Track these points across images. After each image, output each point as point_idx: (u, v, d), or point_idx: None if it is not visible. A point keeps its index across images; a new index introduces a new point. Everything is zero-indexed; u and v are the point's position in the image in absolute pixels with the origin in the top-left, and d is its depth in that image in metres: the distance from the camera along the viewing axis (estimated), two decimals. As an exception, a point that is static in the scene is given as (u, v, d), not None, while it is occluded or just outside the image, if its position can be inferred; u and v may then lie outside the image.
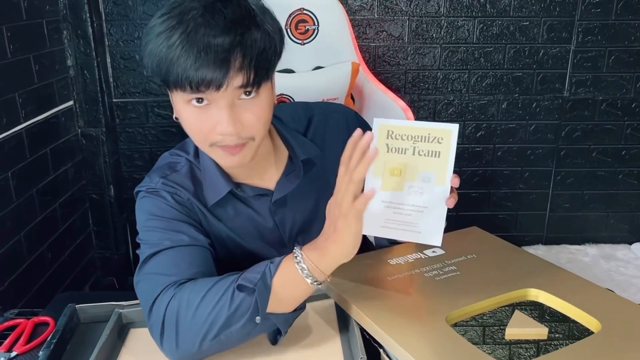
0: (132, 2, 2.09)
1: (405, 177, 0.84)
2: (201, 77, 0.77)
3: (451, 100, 2.27)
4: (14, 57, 1.67)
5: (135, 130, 2.24)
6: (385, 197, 0.85)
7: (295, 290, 0.80)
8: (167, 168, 0.98)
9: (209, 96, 0.80)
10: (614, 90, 2.29)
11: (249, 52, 0.78)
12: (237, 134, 0.82)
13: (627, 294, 2.06)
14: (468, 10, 2.16)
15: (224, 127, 0.81)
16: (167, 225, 0.91)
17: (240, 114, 0.82)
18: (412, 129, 0.84)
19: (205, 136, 0.84)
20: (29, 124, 1.76)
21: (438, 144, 0.83)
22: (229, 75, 0.77)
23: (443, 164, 0.83)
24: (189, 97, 0.81)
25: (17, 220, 1.68)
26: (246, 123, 0.83)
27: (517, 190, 2.41)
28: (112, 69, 2.16)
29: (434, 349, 0.75)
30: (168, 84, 0.81)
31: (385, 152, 0.85)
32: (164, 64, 0.79)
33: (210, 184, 0.95)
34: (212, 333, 0.79)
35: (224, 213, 0.98)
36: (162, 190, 0.94)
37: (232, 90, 0.79)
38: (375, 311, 0.84)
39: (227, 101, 0.80)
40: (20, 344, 0.95)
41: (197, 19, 0.77)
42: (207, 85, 0.77)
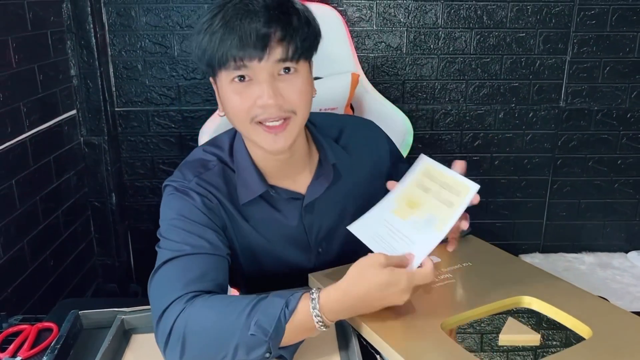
0: (134, 13, 2.12)
1: (415, 212, 0.90)
2: (243, 51, 0.83)
3: (449, 110, 2.30)
4: (19, 67, 1.70)
5: (137, 138, 2.27)
6: (390, 218, 0.91)
7: (306, 333, 0.82)
8: (201, 165, 0.99)
9: (250, 72, 0.86)
10: (610, 101, 2.32)
11: (287, 29, 0.85)
12: (278, 106, 0.87)
13: (623, 302, 2.08)
14: (465, 21, 2.20)
15: (265, 99, 0.85)
16: (192, 228, 0.92)
17: (281, 87, 0.87)
18: (444, 176, 0.90)
19: (247, 112, 0.88)
20: (33, 132, 1.79)
21: (456, 196, 0.87)
22: (270, 46, 0.84)
23: (450, 215, 0.87)
24: (233, 74, 0.86)
25: (20, 227, 1.71)
26: (287, 96, 0.87)
27: (514, 199, 2.43)
28: (114, 78, 2.19)
29: (429, 355, 0.77)
30: (213, 66, 0.88)
31: (415, 186, 0.92)
32: (208, 50, 0.86)
33: (244, 183, 0.97)
34: (219, 356, 0.81)
35: (253, 214, 1.00)
36: (192, 192, 0.95)
37: (272, 64, 0.85)
38: (372, 318, 0.86)
39: (268, 74, 0.86)
40: (25, 349, 0.97)
41: (239, 8, 0.85)
42: (250, 57, 0.84)
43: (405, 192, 0.93)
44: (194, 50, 0.90)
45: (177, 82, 2.21)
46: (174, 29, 2.15)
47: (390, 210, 0.92)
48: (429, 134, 2.31)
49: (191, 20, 2.13)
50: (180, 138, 2.26)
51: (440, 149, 2.34)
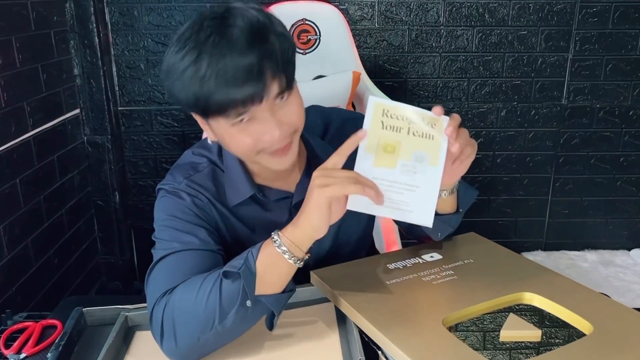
0: (137, 13, 2.13)
1: (399, 154, 0.84)
2: (243, 97, 0.79)
3: (451, 108, 2.30)
4: (23, 67, 1.71)
5: (140, 137, 2.27)
6: (378, 173, 0.84)
7: (279, 269, 0.83)
8: (190, 168, 1.00)
9: (251, 113, 0.82)
10: (612, 98, 2.32)
11: (276, 59, 0.81)
12: (284, 136, 0.86)
13: (625, 300, 2.07)
14: (467, 19, 2.20)
15: (273, 134, 0.84)
16: (182, 226, 0.94)
17: (281, 117, 0.85)
18: (408, 112, 0.84)
19: (252, 147, 0.86)
20: (37, 131, 1.80)
21: (431, 128, 0.84)
22: (267, 85, 0.80)
23: (436, 146, 0.84)
24: (233, 120, 0.83)
25: (24, 226, 1.72)
26: (288, 121, 0.86)
27: (517, 197, 2.44)
28: (117, 77, 2.20)
29: (431, 351, 0.78)
30: (208, 113, 0.83)
31: (380, 128, 0.84)
32: (202, 97, 0.80)
33: (233, 185, 0.98)
34: (208, 326, 0.82)
35: (245, 214, 1.01)
36: (182, 192, 0.96)
37: (271, 101, 0.83)
38: (374, 314, 0.86)
39: (269, 110, 0.83)
40: (29, 346, 0.98)
41: (218, 44, 0.78)
42: (251, 102, 0.80)
43: (374, 139, 0.84)
44: (174, 94, 0.84)
45: (180, 81, 2.21)
46: (177, 28, 2.14)
47: (371, 165, 0.84)
48: (431, 132, 2.31)
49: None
50: (184, 137, 2.27)
51: (443, 147, 2.33)
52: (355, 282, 0.96)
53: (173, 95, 0.85)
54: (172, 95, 0.85)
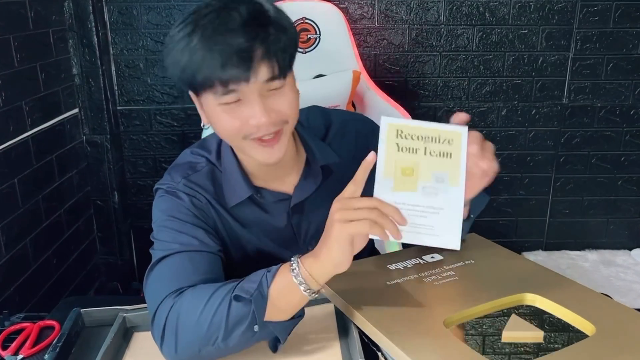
0: (136, 12, 2.12)
1: (419, 176, 0.82)
2: (228, 74, 0.80)
3: (451, 107, 2.29)
4: (21, 66, 1.71)
5: (139, 137, 2.27)
6: (399, 198, 0.81)
7: (292, 299, 0.80)
8: (189, 167, 0.99)
9: (239, 93, 0.83)
10: (613, 97, 2.31)
11: (269, 45, 0.81)
12: (272, 123, 0.85)
13: (627, 300, 2.07)
14: (467, 18, 2.19)
15: (258, 118, 0.83)
16: (181, 227, 0.93)
17: (272, 103, 0.85)
18: (422, 130, 0.82)
19: (238, 131, 0.86)
20: (35, 131, 1.79)
21: (449, 145, 0.82)
22: (253, 66, 0.80)
23: (455, 165, 0.82)
24: (220, 98, 0.83)
25: (23, 226, 1.71)
26: (278, 110, 0.86)
27: (517, 196, 2.43)
28: (116, 77, 2.19)
29: (432, 352, 0.77)
30: (196, 87, 0.84)
31: (396, 151, 0.82)
32: (189, 69, 0.81)
33: (230, 186, 0.97)
34: (211, 341, 0.81)
35: (242, 215, 1.00)
36: (181, 192, 0.96)
37: (260, 84, 0.82)
38: (375, 315, 0.86)
39: (257, 94, 0.83)
40: (27, 347, 0.97)
41: (214, 21, 0.80)
42: (236, 80, 0.80)
43: (391, 163, 0.82)
44: (169, 66, 0.85)
45: (179, 81, 2.21)
46: (176, 28, 2.15)
47: (391, 190, 0.81)
48: (432, 131, 2.31)
49: (193, 18, 2.13)
50: (183, 136, 2.26)
51: (443, 146, 2.33)
52: (355, 283, 0.96)
53: (168, 69, 0.86)
54: (167, 69, 0.86)
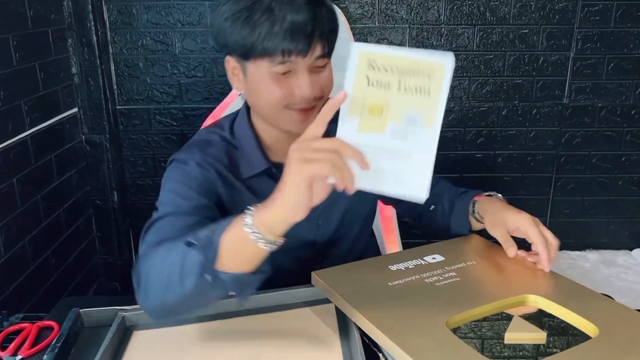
0: (136, 11, 2.12)
1: (388, 116, 0.73)
2: (291, 46, 0.88)
3: (451, 107, 2.29)
4: (20, 65, 1.70)
5: (138, 136, 2.26)
6: (363, 139, 0.73)
7: (246, 249, 0.77)
8: (205, 142, 1.04)
9: (292, 65, 0.90)
10: (614, 97, 2.31)
11: (323, 26, 0.91)
12: (314, 96, 0.93)
13: (627, 300, 2.05)
14: (468, 18, 2.19)
15: (304, 90, 0.91)
16: (183, 191, 0.97)
17: (315, 79, 0.93)
18: (399, 60, 0.72)
19: (283, 99, 0.93)
20: (34, 130, 1.78)
21: (427, 80, 0.72)
22: (312, 44, 0.89)
23: (433, 104, 0.72)
24: (275, 67, 0.90)
25: (22, 226, 1.71)
26: (320, 85, 0.94)
27: (518, 196, 2.43)
28: (116, 76, 2.19)
29: (435, 353, 0.76)
30: (250, 55, 0.91)
31: (366, 85, 0.73)
32: (250, 39, 0.88)
33: (246, 158, 1.03)
34: (170, 288, 0.81)
35: (258, 187, 1.04)
36: (191, 162, 1.00)
37: (312, 59, 0.91)
38: (377, 315, 0.85)
39: (307, 68, 0.91)
40: (25, 347, 0.97)
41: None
42: (296, 53, 0.88)
43: (358, 99, 0.74)
44: (220, 35, 0.92)
45: (179, 80, 2.20)
46: (175, 27, 2.14)
47: (356, 130, 0.74)
48: (432, 131, 2.31)
49: (192, 17, 2.13)
50: (182, 136, 2.26)
51: (443, 146, 2.33)
52: (356, 283, 0.95)
53: (222, 37, 0.92)
54: (221, 37, 0.93)
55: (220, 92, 2.21)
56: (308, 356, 0.86)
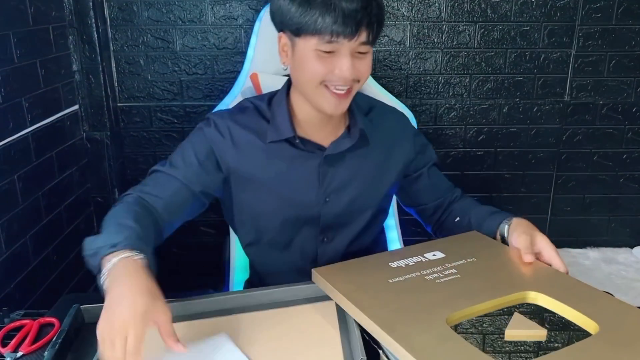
0: (136, 8, 2.11)
1: None
2: (341, 29, 0.97)
3: (452, 104, 2.29)
4: (21, 63, 1.70)
5: (139, 134, 2.26)
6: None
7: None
8: (238, 109, 1.18)
9: (338, 45, 1.00)
10: (615, 95, 2.30)
11: (371, 16, 1.00)
12: (351, 78, 1.02)
13: (628, 298, 2.07)
14: (469, 15, 2.18)
15: (345, 71, 1.01)
16: (187, 152, 1.13)
17: (356, 63, 1.03)
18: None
19: (322, 76, 1.02)
20: (35, 128, 1.78)
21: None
22: (360, 29, 0.99)
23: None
24: (322, 45, 1.00)
25: (23, 223, 1.71)
26: (358, 70, 1.03)
27: (519, 194, 2.43)
28: (116, 73, 2.18)
29: (435, 350, 0.76)
30: (302, 32, 1.00)
31: None
32: (303, 19, 0.99)
33: (276, 126, 1.13)
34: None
35: (280, 154, 1.14)
36: (212, 124, 1.14)
37: (356, 44, 1.01)
38: (377, 312, 0.85)
39: (350, 51, 1.01)
40: (26, 344, 0.97)
41: None
42: (344, 35, 0.98)
43: None
44: (279, 11, 1.02)
45: (179, 77, 2.20)
46: (176, 24, 2.14)
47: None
48: (433, 128, 2.30)
49: (193, 14, 2.13)
50: (183, 133, 2.26)
51: (444, 143, 2.33)
52: (357, 280, 0.96)
53: (279, 14, 1.03)
54: (278, 14, 1.03)
55: (221, 90, 2.20)
56: (308, 353, 0.87)
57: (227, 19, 2.14)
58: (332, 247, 1.20)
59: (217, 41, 2.16)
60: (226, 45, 2.17)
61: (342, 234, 1.20)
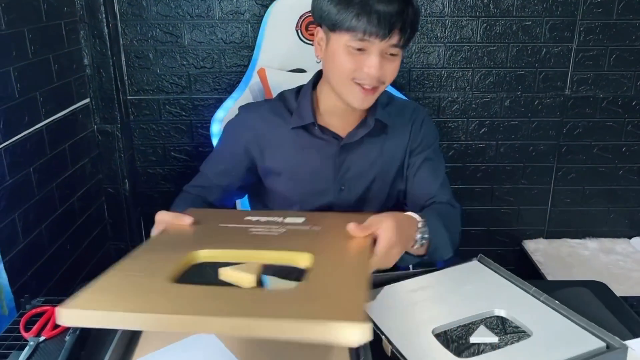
0: (145, 3, 2.16)
1: None
2: (374, 29, 1.03)
3: (455, 97, 2.33)
4: (35, 58, 1.75)
5: (148, 126, 2.32)
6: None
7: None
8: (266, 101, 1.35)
9: (369, 44, 1.06)
10: (615, 88, 2.33)
11: (406, 20, 1.05)
12: (378, 78, 1.09)
13: (624, 287, 2.11)
14: (472, 10, 2.21)
15: (372, 69, 1.07)
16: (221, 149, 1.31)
17: (384, 63, 1.08)
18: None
19: (351, 72, 1.09)
20: (49, 121, 1.84)
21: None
22: (392, 32, 1.04)
23: None
24: (354, 42, 1.06)
25: (38, 213, 1.77)
26: (386, 70, 1.09)
27: (520, 185, 2.47)
28: (126, 67, 2.23)
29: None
30: (338, 28, 1.06)
31: None
32: (340, 16, 1.05)
33: (300, 113, 1.22)
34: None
35: (300, 140, 1.23)
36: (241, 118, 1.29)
37: (387, 46, 1.06)
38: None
39: (380, 51, 1.07)
40: (48, 329, 1.03)
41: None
42: (376, 35, 1.04)
43: None
44: (318, 5, 1.09)
45: (188, 71, 2.25)
46: (184, 19, 2.18)
47: None
48: (436, 121, 2.34)
49: (201, 9, 2.17)
50: (191, 126, 2.31)
51: (447, 136, 2.37)
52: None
53: (319, 9, 1.10)
54: (317, 9, 1.10)
55: (228, 83, 2.25)
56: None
57: (234, 14, 2.18)
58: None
59: (224, 36, 2.20)
60: (233, 40, 2.21)
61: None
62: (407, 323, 0.94)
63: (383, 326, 0.92)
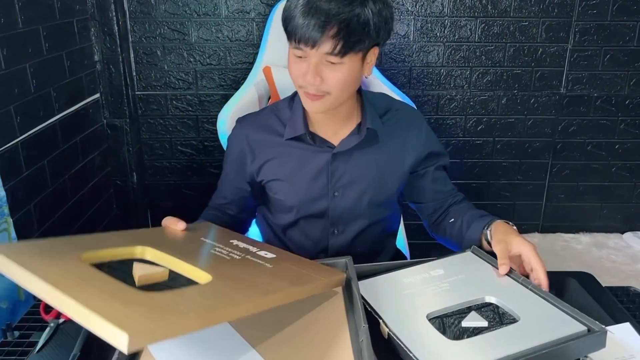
0: (154, 1, 2.21)
1: None
2: (303, 35, 1.01)
3: (453, 95, 2.38)
4: (49, 55, 1.81)
5: (156, 121, 2.38)
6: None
7: None
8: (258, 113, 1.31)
9: (305, 51, 1.04)
10: (609, 88, 2.39)
11: (342, 26, 1.00)
12: (316, 86, 1.06)
13: (615, 280, 2.18)
14: (470, 10, 2.27)
15: (306, 77, 1.05)
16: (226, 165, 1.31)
17: (323, 72, 1.05)
18: None
19: (296, 79, 1.10)
20: (62, 115, 1.90)
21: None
22: (321, 39, 1.00)
23: None
24: (293, 50, 1.06)
25: (52, 204, 1.83)
26: (326, 80, 1.06)
27: (515, 181, 2.52)
28: (135, 63, 2.29)
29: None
30: (287, 35, 1.07)
31: None
32: (287, 22, 1.05)
33: (292, 124, 1.21)
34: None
35: (294, 150, 1.22)
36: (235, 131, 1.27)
37: (321, 53, 1.03)
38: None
39: (316, 59, 1.04)
40: (68, 312, 1.09)
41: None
42: (305, 42, 1.02)
43: None
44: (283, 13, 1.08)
45: (194, 68, 2.30)
46: (192, 17, 2.24)
47: None
48: (434, 118, 2.40)
49: (207, 8, 2.22)
50: (197, 121, 2.37)
51: (445, 132, 2.43)
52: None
53: (283, 17, 1.07)
54: (283, 17, 1.08)
55: (233, 79, 2.31)
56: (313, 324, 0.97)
57: (240, 13, 2.24)
58: (343, 239, 1.29)
59: (230, 34, 2.26)
60: (239, 38, 2.27)
61: (352, 227, 1.27)
62: (403, 308, 1.00)
63: (380, 310, 0.99)
